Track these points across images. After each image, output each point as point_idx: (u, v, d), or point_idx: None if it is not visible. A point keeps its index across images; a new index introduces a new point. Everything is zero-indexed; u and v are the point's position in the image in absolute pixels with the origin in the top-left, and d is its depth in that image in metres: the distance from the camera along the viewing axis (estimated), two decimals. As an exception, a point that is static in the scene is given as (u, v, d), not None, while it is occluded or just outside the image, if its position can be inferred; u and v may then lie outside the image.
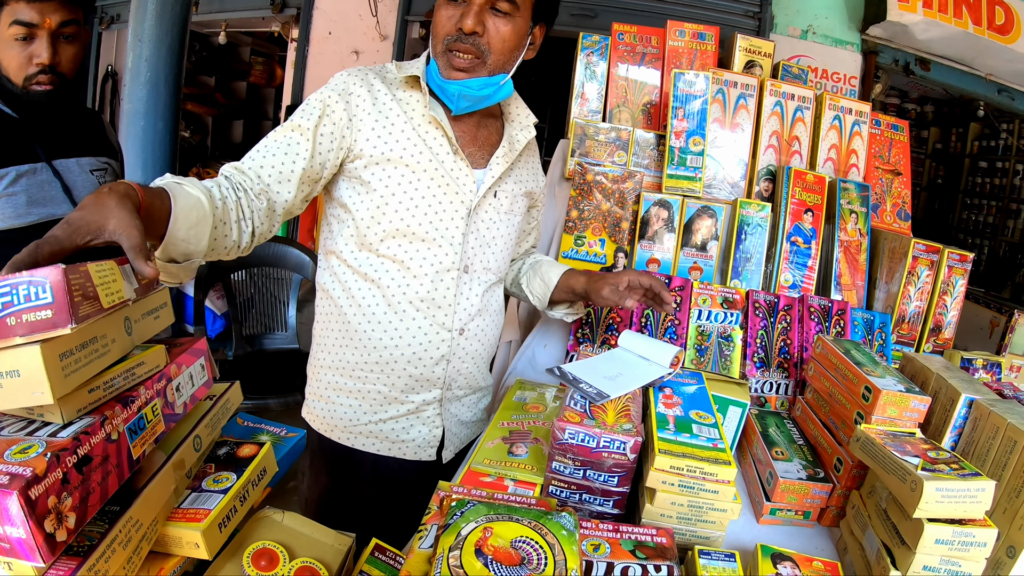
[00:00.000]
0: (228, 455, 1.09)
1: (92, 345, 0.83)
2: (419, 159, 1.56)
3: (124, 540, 0.85)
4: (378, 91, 1.59)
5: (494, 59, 1.54)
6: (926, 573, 1.06)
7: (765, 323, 1.88)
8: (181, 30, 3.21)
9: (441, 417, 1.74)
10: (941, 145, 8.98)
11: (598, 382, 1.33)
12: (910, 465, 1.08)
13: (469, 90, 1.54)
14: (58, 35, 1.84)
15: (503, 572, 0.84)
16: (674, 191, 2.17)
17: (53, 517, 0.72)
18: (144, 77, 3.14)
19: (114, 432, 0.83)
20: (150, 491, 0.90)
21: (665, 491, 1.13)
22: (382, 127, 1.56)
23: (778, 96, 2.31)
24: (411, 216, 1.57)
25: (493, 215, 1.68)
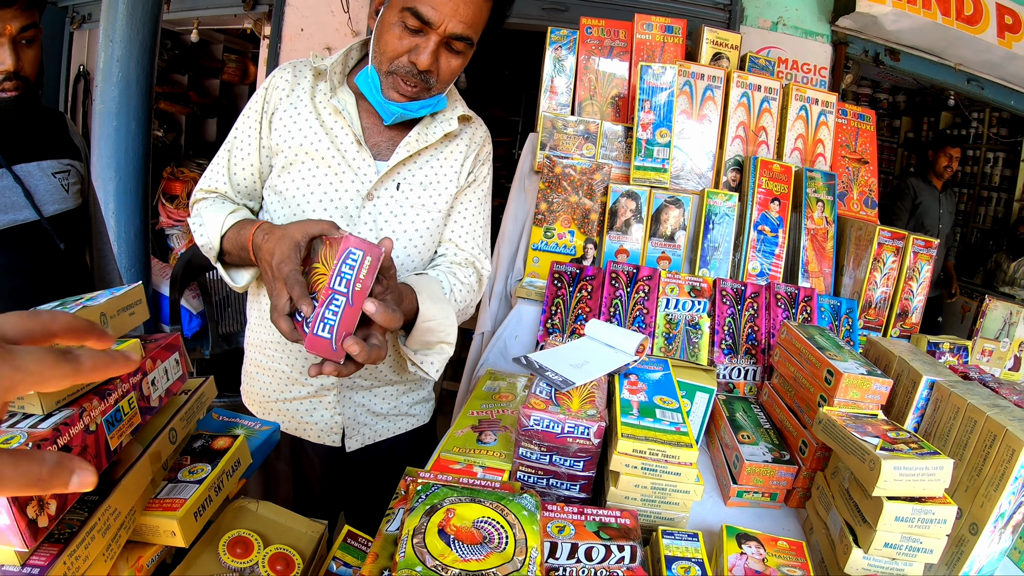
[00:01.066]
0: (203, 447, 1.11)
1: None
2: (317, 146, 1.58)
3: (103, 528, 0.87)
4: (299, 83, 1.63)
5: (439, 88, 1.55)
6: (887, 550, 1.09)
7: (732, 311, 1.91)
8: (152, 29, 3.19)
9: (340, 404, 1.73)
10: (913, 134, 9.08)
11: (564, 370, 1.35)
12: (869, 445, 1.11)
13: (409, 112, 1.56)
14: (18, 40, 1.82)
15: (465, 550, 0.86)
16: (642, 182, 2.20)
17: (35, 504, 0.73)
18: (116, 77, 3.11)
19: (92, 423, 0.85)
20: (127, 481, 0.91)
21: (628, 474, 1.15)
22: (289, 117, 1.60)
23: (745, 87, 2.34)
24: (307, 203, 1.58)
25: (395, 208, 1.63)
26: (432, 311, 1.42)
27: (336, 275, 1.08)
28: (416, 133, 1.61)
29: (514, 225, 2.27)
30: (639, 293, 1.90)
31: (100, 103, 3.14)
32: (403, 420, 1.83)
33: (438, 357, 1.54)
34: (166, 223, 5.97)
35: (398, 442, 1.84)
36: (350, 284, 1.08)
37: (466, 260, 1.73)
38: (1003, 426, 1.12)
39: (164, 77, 6.95)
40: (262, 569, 1.00)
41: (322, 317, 1.08)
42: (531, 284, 2.09)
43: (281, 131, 1.60)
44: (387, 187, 1.60)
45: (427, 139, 1.62)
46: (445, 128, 1.64)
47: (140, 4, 3.12)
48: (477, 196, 1.76)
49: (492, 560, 0.84)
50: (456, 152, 1.70)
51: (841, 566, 1.14)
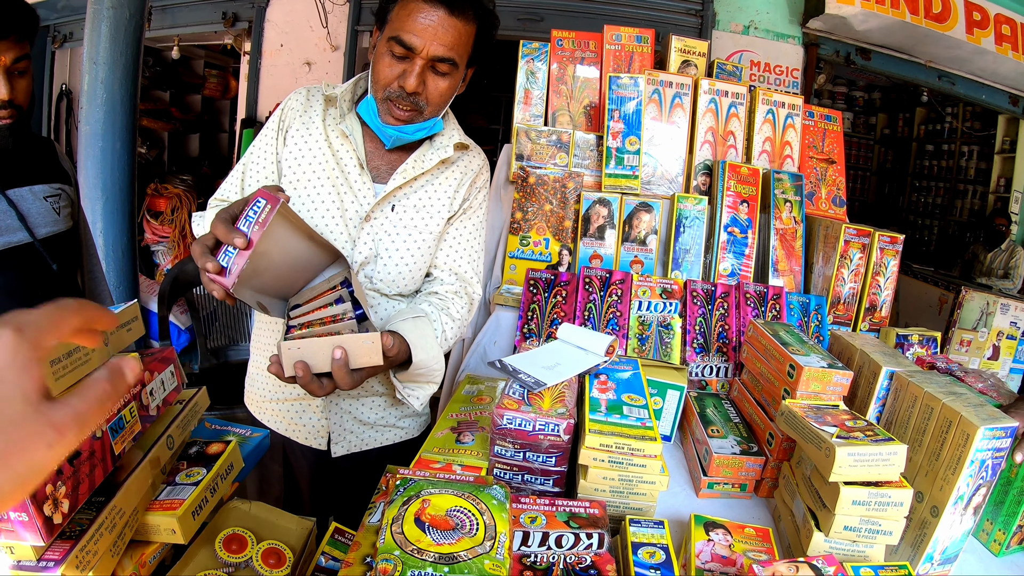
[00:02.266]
0: (198, 453, 1.18)
1: (76, 354, 0.88)
2: (324, 167, 1.66)
3: (110, 526, 0.93)
4: (313, 105, 1.71)
5: (431, 110, 1.61)
6: (848, 533, 1.14)
7: (703, 310, 1.97)
8: (135, 50, 3.22)
9: (327, 409, 1.78)
10: (889, 130, 9.19)
11: (536, 372, 1.41)
12: (826, 434, 1.17)
13: (404, 135, 1.62)
14: (12, 71, 1.86)
15: (438, 536, 0.93)
16: (613, 189, 2.26)
17: (50, 502, 0.80)
18: (100, 99, 3.14)
19: (98, 430, 0.91)
20: (130, 483, 0.98)
21: (596, 467, 1.22)
22: (300, 136, 1.68)
23: (712, 93, 2.40)
24: (310, 219, 1.65)
25: (389, 228, 1.69)
26: (425, 361, 1.52)
27: (242, 218, 1.23)
28: (413, 160, 1.68)
29: (491, 234, 2.32)
30: (612, 296, 1.95)
31: (85, 124, 3.16)
32: (390, 432, 1.88)
33: (423, 392, 1.64)
34: (151, 240, 5.99)
35: (385, 453, 1.87)
36: (250, 226, 1.22)
37: (459, 290, 1.79)
38: (958, 412, 1.18)
39: (146, 94, 6.96)
40: (256, 563, 1.06)
41: (225, 251, 1.23)
42: (508, 291, 2.15)
43: (292, 149, 1.68)
44: (383, 209, 1.67)
45: (423, 166, 1.68)
46: (441, 155, 1.70)
47: (123, 25, 3.14)
48: (472, 222, 1.82)
49: (463, 544, 0.91)
50: (451, 179, 1.76)
51: (804, 549, 1.19)
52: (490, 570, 0.86)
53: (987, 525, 1.40)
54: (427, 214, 1.72)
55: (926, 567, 1.23)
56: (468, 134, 1.81)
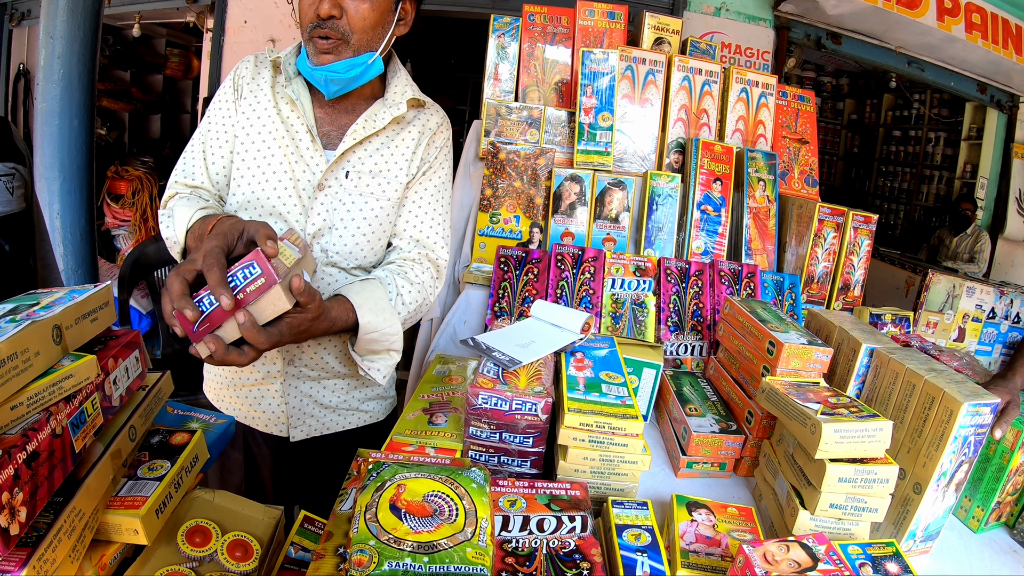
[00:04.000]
0: (161, 443, 1.11)
1: (10, 363, 0.80)
2: (275, 135, 1.60)
3: (69, 530, 0.86)
4: (260, 74, 1.66)
5: (357, 38, 1.53)
6: (833, 511, 1.13)
7: (677, 288, 1.94)
8: (94, 25, 3.13)
9: (286, 393, 1.72)
10: (856, 116, 9.27)
11: (511, 350, 1.37)
12: (810, 411, 1.15)
13: (336, 74, 1.54)
14: None
15: (416, 523, 0.87)
16: (585, 166, 2.22)
17: (7, 512, 0.73)
18: (57, 75, 3.06)
19: (58, 427, 0.84)
20: (91, 481, 0.91)
21: (577, 447, 1.18)
22: (249, 104, 1.62)
23: (686, 71, 2.37)
24: (261, 190, 1.60)
25: (343, 196, 1.62)
26: (373, 323, 1.46)
27: (230, 275, 1.15)
28: (363, 120, 1.61)
29: (460, 212, 2.28)
30: (585, 274, 1.92)
31: (42, 101, 3.07)
32: (353, 415, 1.82)
33: (384, 363, 1.57)
34: (112, 223, 5.84)
35: (350, 437, 1.82)
36: (236, 288, 1.14)
37: (420, 255, 1.71)
38: (941, 388, 1.17)
39: (106, 73, 6.81)
40: (221, 556, 1.01)
41: (200, 299, 1.14)
42: (478, 269, 2.11)
43: (242, 119, 1.62)
44: (336, 176, 1.60)
45: (374, 125, 1.62)
46: (393, 112, 1.63)
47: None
48: (433, 183, 1.74)
49: (443, 531, 0.86)
50: (408, 140, 1.69)
51: (789, 528, 1.17)
52: (473, 558, 0.82)
53: (965, 502, 1.40)
54: (384, 179, 1.65)
55: (908, 544, 1.23)
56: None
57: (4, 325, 0.84)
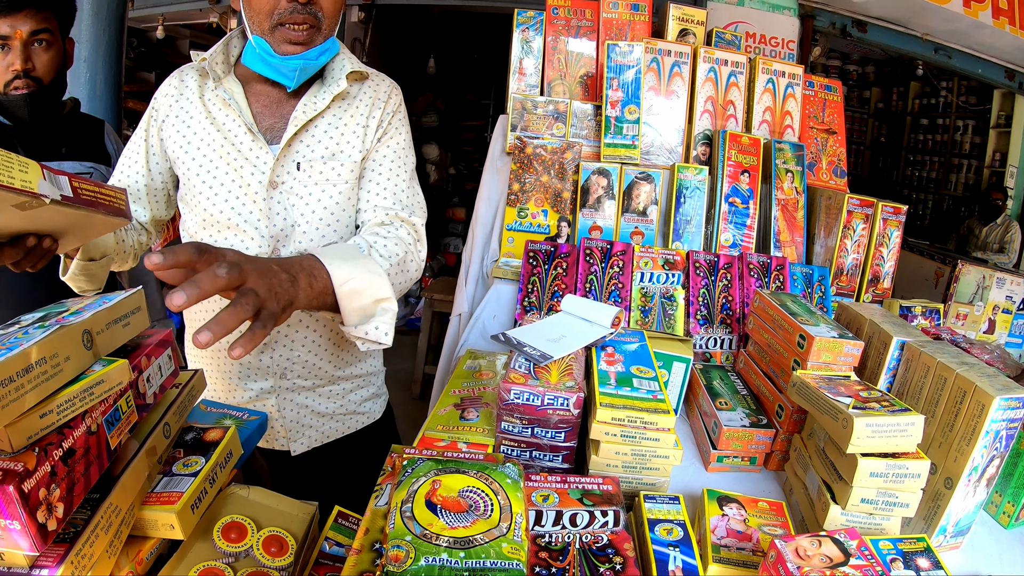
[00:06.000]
0: (195, 440, 1.12)
1: (39, 368, 0.79)
2: (213, 146, 1.54)
3: (106, 525, 0.87)
4: (187, 86, 1.61)
5: (328, 23, 1.49)
6: (864, 505, 1.12)
7: (706, 281, 1.93)
8: (119, 27, 3.17)
9: (281, 407, 1.69)
10: (883, 104, 9.17)
11: (542, 345, 1.37)
12: (842, 405, 1.14)
13: (309, 61, 1.49)
14: (31, 43, 1.92)
15: (452, 519, 0.88)
16: (612, 159, 2.22)
17: (44, 508, 0.74)
18: (84, 78, 3.09)
19: (93, 424, 0.85)
20: (126, 478, 0.92)
21: (609, 441, 1.18)
22: (182, 122, 1.58)
23: (712, 62, 2.36)
24: (212, 205, 1.55)
25: (300, 189, 1.56)
26: (346, 270, 1.28)
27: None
28: (303, 105, 1.55)
29: (487, 207, 2.29)
30: (614, 268, 1.92)
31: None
32: (352, 419, 1.80)
33: (383, 319, 1.36)
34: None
35: (348, 442, 1.81)
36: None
37: (389, 217, 1.60)
38: (972, 382, 1.15)
39: (131, 75, 6.87)
40: (257, 552, 1.01)
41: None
42: (507, 264, 2.11)
43: (177, 139, 1.57)
44: (287, 169, 1.54)
45: (316, 107, 1.56)
46: (334, 90, 1.57)
47: (105, 2, 3.09)
48: (391, 149, 1.65)
49: (479, 526, 0.86)
50: (357, 115, 1.62)
51: (820, 523, 1.16)
52: (509, 553, 0.82)
53: (996, 498, 1.38)
54: (338, 162, 1.58)
55: (938, 539, 1.21)
56: (458, 109, 1.73)
57: (33, 331, 0.84)
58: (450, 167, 9.19)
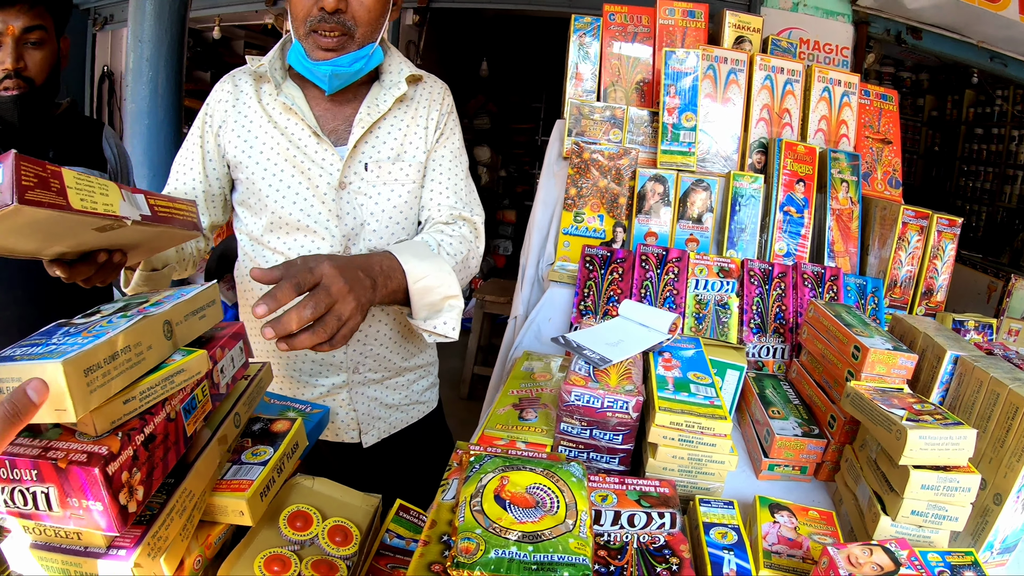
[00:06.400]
0: (263, 430, 1.16)
1: (124, 355, 0.83)
2: (277, 150, 1.58)
3: (180, 509, 0.92)
4: (242, 91, 1.63)
5: (361, 32, 1.50)
6: (914, 517, 1.12)
7: (760, 290, 1.94)
8: (180, 28, 3.25)
9: (353, 401, 1.74)
10: (937, 113, 9.00)
11: (601, 348, 1.40)
12: (896, 416, 1.15)
13: (340, 68, 1.51)
14: (23, 41, 1.85)
15: (520, 514, 0.91)
16: (669, 166, 2.23)
17: (126, 490, 0.78)
18: (146, 77, 3.17)
19: (172, 412, 0.90)
20: (200, 464, 0.97)
21: (666, 445, 1.20)
22: (241, 127, 1.61)
23: (768, 70, 2.36)
24: (281, 208, 1.59)
25: (368, 189, 1.61)
26: (420, 268, 1.37)
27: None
28: (365, 107, 1.60)
29: (543, 211, 2.31)
30: (669, 275, 1.93)
31: (132, 102, 3.20)
32: (415, 408, 1.86)
33: (450, 315, 1.45)
34: (194, 218, 6.03)
35: (410, 431, 1.86)
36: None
37: (451, 216, 1.67)
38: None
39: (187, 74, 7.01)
40: (322, 540, 1.05)
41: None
42: (562, 268, 2.13)
43: (238, 144, 1.60)
44: (355, 171, 1.59)
45: (379, 109, 1.60)
46: (395, 93, 1.62)
47: (167, 4, 3.17)
48: (448, 150, 1.71)
49: (546, 522, 0.90)
50: (417, 116, 1.67)
51: (870, 534, 1.17)
52: (575, 548, 0.85)
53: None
54: (405, 163, 1.63)
55: (985, 555, 1.21)
56: (509, 111, 1.75)
57: (117, 320, 0.89)
58: (501, 169, 9.23)
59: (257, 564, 0.98)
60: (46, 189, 0.84)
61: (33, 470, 0.75)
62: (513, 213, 9.47)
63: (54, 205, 0.86)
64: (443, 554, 0.91)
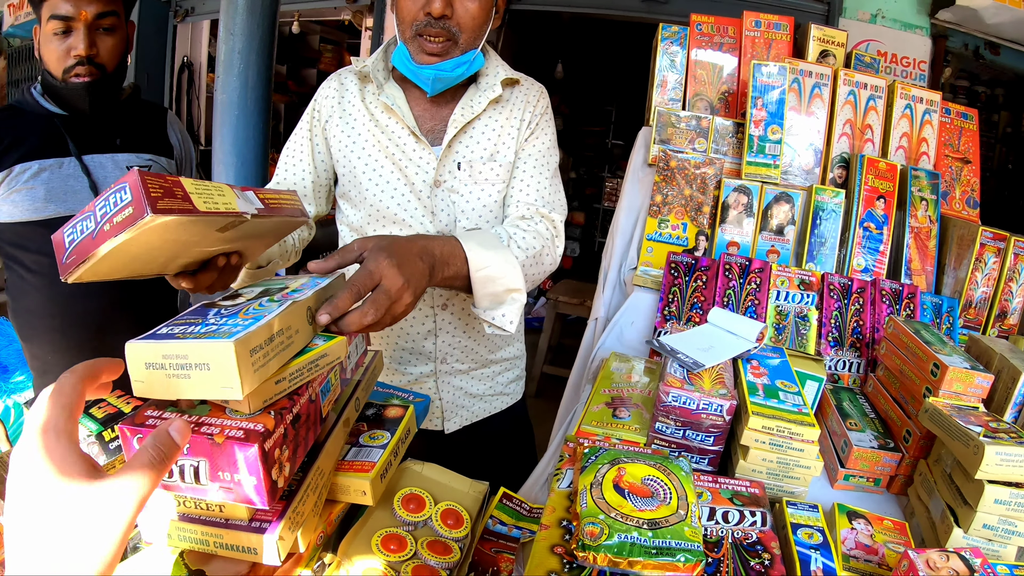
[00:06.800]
0: (376, 415, 1.23)
1: (278, 338, 0.88)
2: (378, 147, 1.65)
3: (315, 487, 0.99)
4: (347, 89, 1.70)
5: (465, 38, 1.55)
6: (985, 531, 1.17)
7: (839, 305, 1.97)
8: (271, 23, 3.33)
9: (439, 389, 1.81)
10: (1012, 129, 8.81)
11: (693, 353, 1.46)
12: (973, 432, 1.19)
13: (443, 72, 1.56)
14: (96, 27, 1.89)
15: (639, 503, 0.99)
16: (753, 177, 2.27)
17: (277, 466, 0.84)
18: (237, 69, 3.26)
19: (313, 394, 0.97)
20: (329, 445, 1.04)
21: (757, 448, 1.27)
22: (346, 123, 1.68)
23: (851, 85, 2.37)
24: (379, 201, 1.66)
25: (460, 188, 1.65)
26: (484, 257, 1.37)
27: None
28: (460, 108, 1.65)
29: (627, 216, 2.36)
30: (751, 285, 1.97)
31: (222, 93, 3.30)
32: (498, 400, 1.92)
33: (511, 308, 1.45)
34: (274, 208, 6.18)
35: (492, 421, 1.91)
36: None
37: (529, 212, 1.68)
38: (1093, 424, 1.19)
39: (270, 68, 7.27)
40: (435, 522, 1.12)
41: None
42: (646, 273, 2.18)
43: (341, 139, 1.68)
44: (449, 169, 1.64)
45: (473, 110, 1.65)
46: (490, 95, 1.66)
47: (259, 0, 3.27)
48: (536, 148, 1.74)
49: (662, 511, 0.97)
50: (512, 118, 1.71)
51: (942, 545, 1.21)
52: (690, 536, 0.92)
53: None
54: (497, 163, 1.68)
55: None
56: (581, 114, 1.79)
57: (266, 303, 0.94)
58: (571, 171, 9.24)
59: (374, 542, 1.04)
60: (172, 197, 0.89)
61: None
62: (582, 215, 9.45)
63: (184, 210, 0.90)
64: (564, 538, 0.99)
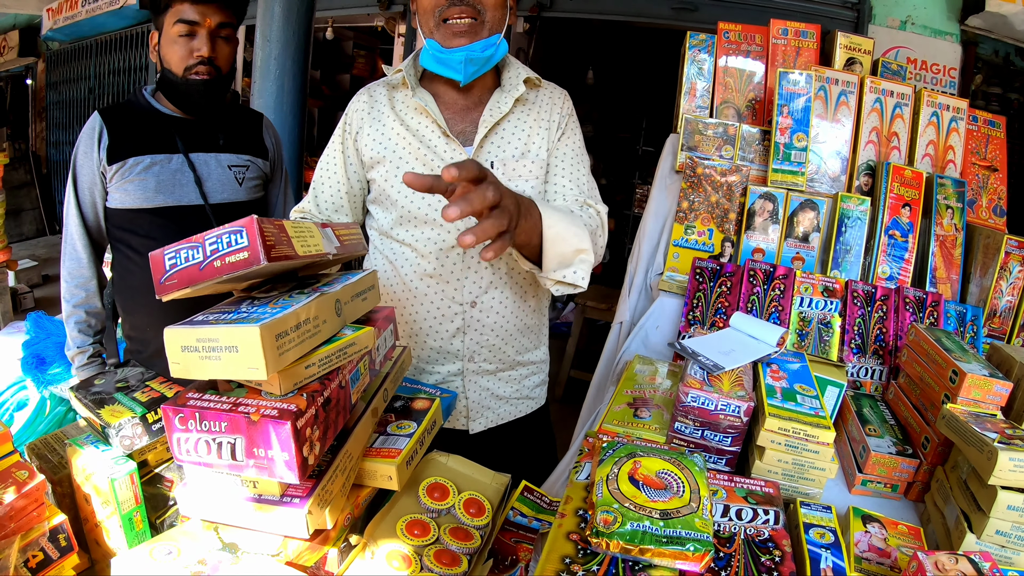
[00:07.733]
0: (404, 407, 1.30)
1: (305, 326, 0.96)
2: (408, 149, 1.69)
3: (343, 469, 1.06)
4: (377, 99, 1.76)
5: (490, 15, 1.60)
6: (998, 537, 1.18)
7: (863, 312, 1.98)
8: (306, 30, 3.42)
9: (466, 389, 1.84)
10: (1042, 136, 8.70)
11: (714, 356, 1.50)
12: (988, 438, 1.21)
13: (474, 53, 1.61)
14: (216, 34, 2.06)
15: (653, 494, 1.03)
16: (779, 185, 2.28)
17: (308, 444, 0.91)
18: (273, 74, 3.35)
19: (343, 380, 1.04)
20: (358, 430, 1.11)
21: (773, 449, 1.30)
22: (375, 130, 1.73)
23: (878, 93, 2.39)
24: (411, 203, 1.69)
25: None
26: (555, 217, 1.41)
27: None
28: (488, 110, 1.70)
29: (654, 221, 2.39)
30: (775, 291, 1.99)
31: (259, 97, 3.39)
32: (524, 403, 1.94)
33: (581, 266, 1.50)
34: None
35: (516, 425, 1.94)
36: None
37: (577, 204, 1.74)
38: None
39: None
40: (458, 511, 1.17)
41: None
42: (671, 278, 2.21)
43: (373, 146, 1.73)
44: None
45: (500, 110, 1.70)
46: (514, 95, 1.71)
47: (295, 8, 3.35)
48: (571, 147, 1.80)
49: (675, 503, 1.01)
50: (540, 116, 1.76)
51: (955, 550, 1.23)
52: (700, 527, 0.96)
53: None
54: (529, 160, 1.72)
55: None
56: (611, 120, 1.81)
57: (296, 295, 1.02)
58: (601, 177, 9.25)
59: (399, 527, 1.10)
60: (281, 244, 0.97)
61: (223, 422, 0.89)
62: (612, 222, 9.45)
63: (288, 256, 0.99)
64: (579, 526, 1.04)
